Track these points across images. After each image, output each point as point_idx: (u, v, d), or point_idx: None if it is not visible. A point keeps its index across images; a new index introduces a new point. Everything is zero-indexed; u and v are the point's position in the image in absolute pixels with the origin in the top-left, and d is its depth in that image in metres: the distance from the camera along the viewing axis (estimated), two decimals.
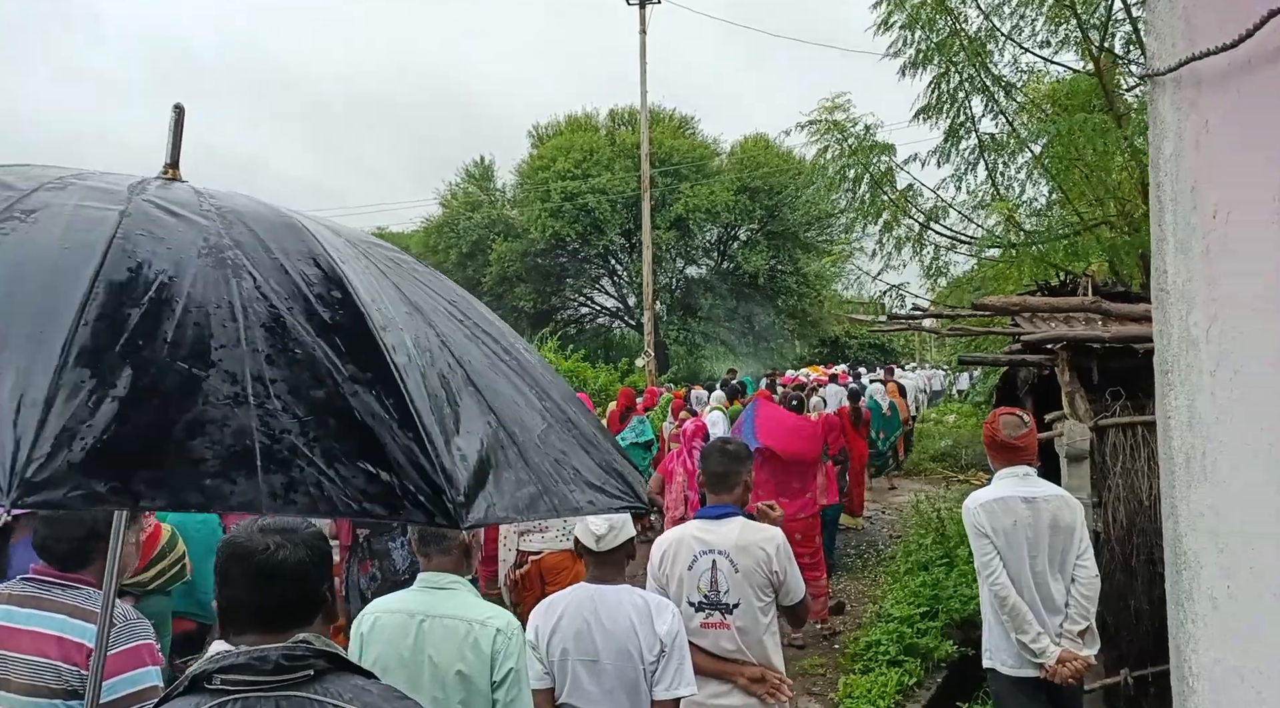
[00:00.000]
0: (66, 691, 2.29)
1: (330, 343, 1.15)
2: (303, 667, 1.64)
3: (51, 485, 0.93)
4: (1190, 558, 1.13)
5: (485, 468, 1.18)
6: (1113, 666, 4.75)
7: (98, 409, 0.99)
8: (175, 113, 1.40)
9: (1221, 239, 1.07)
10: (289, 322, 1.15)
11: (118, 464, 0.98)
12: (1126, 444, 4.97)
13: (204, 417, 1.03)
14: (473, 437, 1.21)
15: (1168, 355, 1.18)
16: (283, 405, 1.07)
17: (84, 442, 0.96)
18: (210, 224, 1.26)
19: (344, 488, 1.06)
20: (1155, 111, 1.19)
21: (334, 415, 1.10)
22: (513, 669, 2.50)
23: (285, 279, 1.21)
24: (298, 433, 1.06)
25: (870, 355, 37.03)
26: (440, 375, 1.26)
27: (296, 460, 1.05)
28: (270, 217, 1.36)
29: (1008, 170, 9.42)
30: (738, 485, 3.48)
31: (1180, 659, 1.17)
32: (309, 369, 1.12)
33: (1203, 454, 1.10)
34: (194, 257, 1.18)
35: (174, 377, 1.04)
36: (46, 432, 0.95)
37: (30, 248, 1.14)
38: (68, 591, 2.41)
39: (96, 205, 1.23)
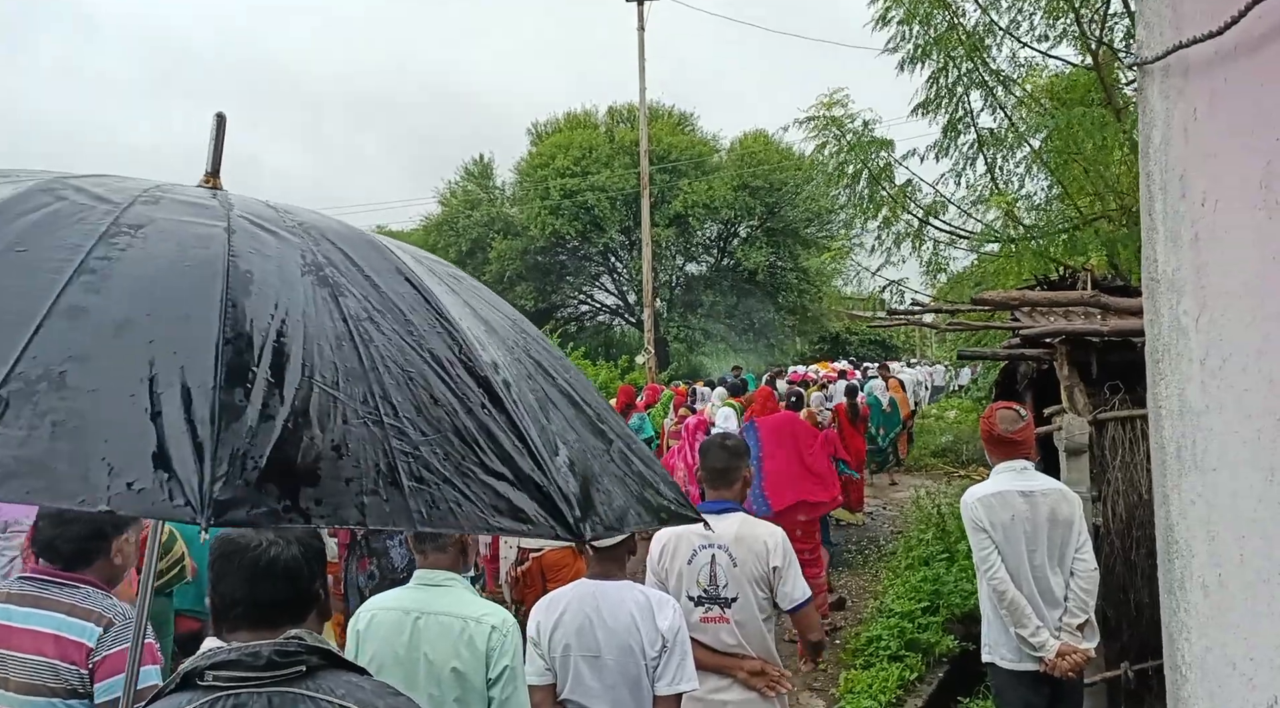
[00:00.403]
0: (66, 689, 2.28)
1: (439, 363, 1.19)
2: (295, 663, 1.64)
3: (236, 505, 0.95)
4: (1182, 547, 1.13)
5: (585, 482, 1.22)
6: (1114, 659, 4.75)
7: (259, 429, 1.00)
8: (216, 121, 1.41)
9: (1210, 227, 1.07)
10: (398, 341, 1.18)
11: (285, 483, 0.99)
12: (1125, 438, 4.96)
13: (347, 436, 1.05)
14: (566, 450, 1.24)
15: (1158, 345, 1.18)
16: (411, 424, 1.10)
17: (254, 461, 0.98)
18: (300, 241, 1.28)
19: (477, 504, 1.08)
20: (1144, 100, 1.18)
21: (457, 435, 1.13)
22: (508, 667, 2.50)
23: (383, 298, 1.24)
24: (430, 451, 1.09)
25: (870, 352, 37.02)
26: (530, 392, 1.30)
27: (434, 478, 1.07)
28: (347, 233, 1.39)
29: (1006, 165, 9.41)
30: (737, 481, 3.49)
31: (1173, 648, 1.17)
32: (425, 388, 1.15)
33: (1193, 443, 1.10)
34: (299, 274, 1.20)
35: (315, 397, 1.06)
36: (221, 452, 0.96)
37: (153, 266, 1.15)
38: (66, 589, 2.40)
39: (198, 221, 1.25)
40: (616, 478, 1.34)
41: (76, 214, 1.20)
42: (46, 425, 0.94)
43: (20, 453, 0.92)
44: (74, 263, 1.10)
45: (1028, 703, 3.98)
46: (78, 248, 1.13)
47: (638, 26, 21.57)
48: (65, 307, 1.05)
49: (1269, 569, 0.96)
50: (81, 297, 1.07)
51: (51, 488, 0.92)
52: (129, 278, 1.12)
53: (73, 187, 1.28)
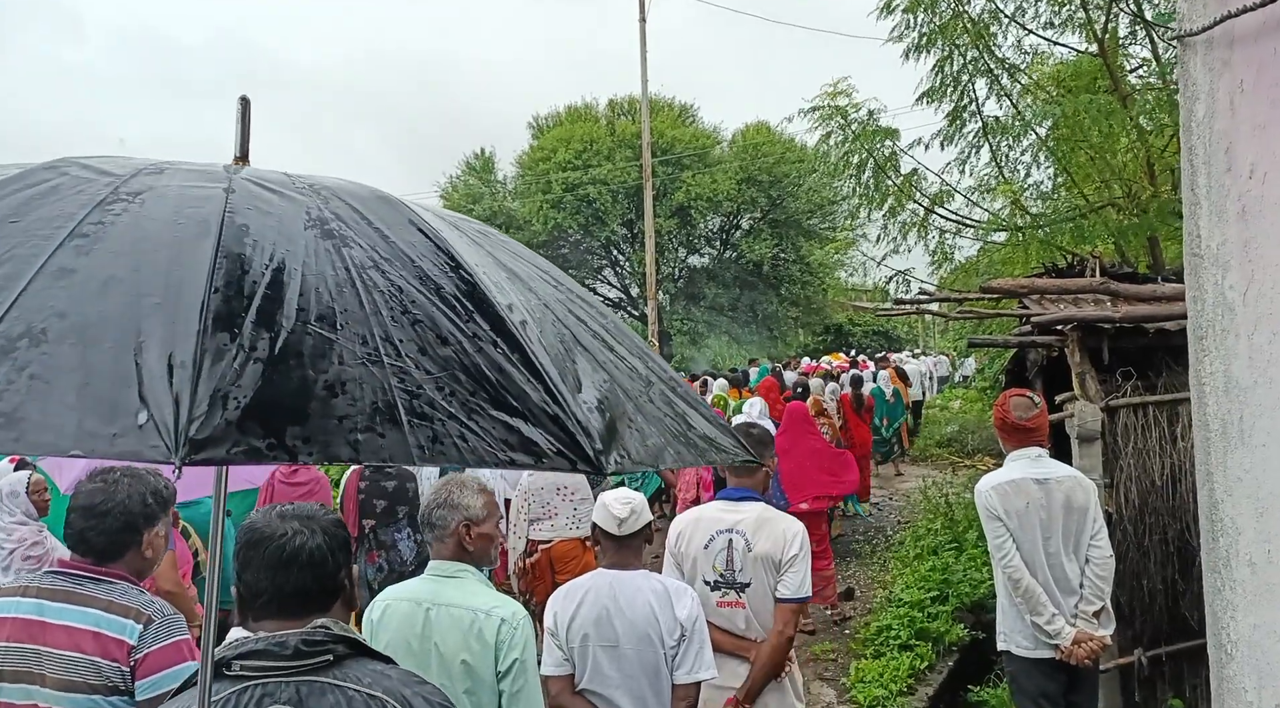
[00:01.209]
0: (107, 687, 2.24)
1: (447, 304, 1.18)
2: (322, 652, 1.64)
3: (214, 443, 0.94)
4: (1228, 524, 1.12)
5: (612, 419, 1.20)
6: (1127, 646, 4.75)
7: (243, 371, 1.00)
8: (241, 104, 1.40)
9: (1258, 200, 1.05)
10: (404, 285, 1.18)
11: (270, 421, 0.99)
12: (1138, 424, 4.95)
13: (342, 376, 1.05)
14: (593, 391, 1.23)
15: (1202, 321, 1.17)
16: (414, 364, 1.10)
17: (237, 401, 0.97)
18: (308, 199, 1.29)
19: (485, 439, 1.07)
20: (1186, 74, 1.17)
21: (464, 371, 1.12)
22: (518, 660, 2.46)
23: (391, 247, 1.24)
24: (434, 388, 1.09)
25: (874, 343, 37.01)
26: (554, 335, 1.29)
27: (437, 414, 1.07)
28: (361, 191, 1.39)
29: (1012, 153, 9.38)
30: (759, 470, 3.49)
31: (1218, 626, 1.16)
32: (432, 330, 1.14)
33: (1240, 419, 1.09)
34: (301, 228, 1.21)
35: (308, 339, 1.06)
36: (201, 392, 0.96)
37: (146, 226, 1.16)
38: (101, 585, 2.36)
39: (199, 184, 1.26)
40: (655, 418, 1.32)
41: (77, 187, 1.22)
42: (24, 379, 0.95)
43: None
44: (67, 229, 1.11)
45: (1043, 691, 3.98)
46: (72, 216, 1.14)
47: (639, 18, 21.51)
48: (53, 269, 1.06)
49: None
50: (71, 259, 1.08)
51: (20, 438, 0.92)
52: (120, 240, 1.13)
53: (78, 164, 1.30)
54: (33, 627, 2.28)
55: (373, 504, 5.80)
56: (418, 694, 1.66)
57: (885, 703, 5.66)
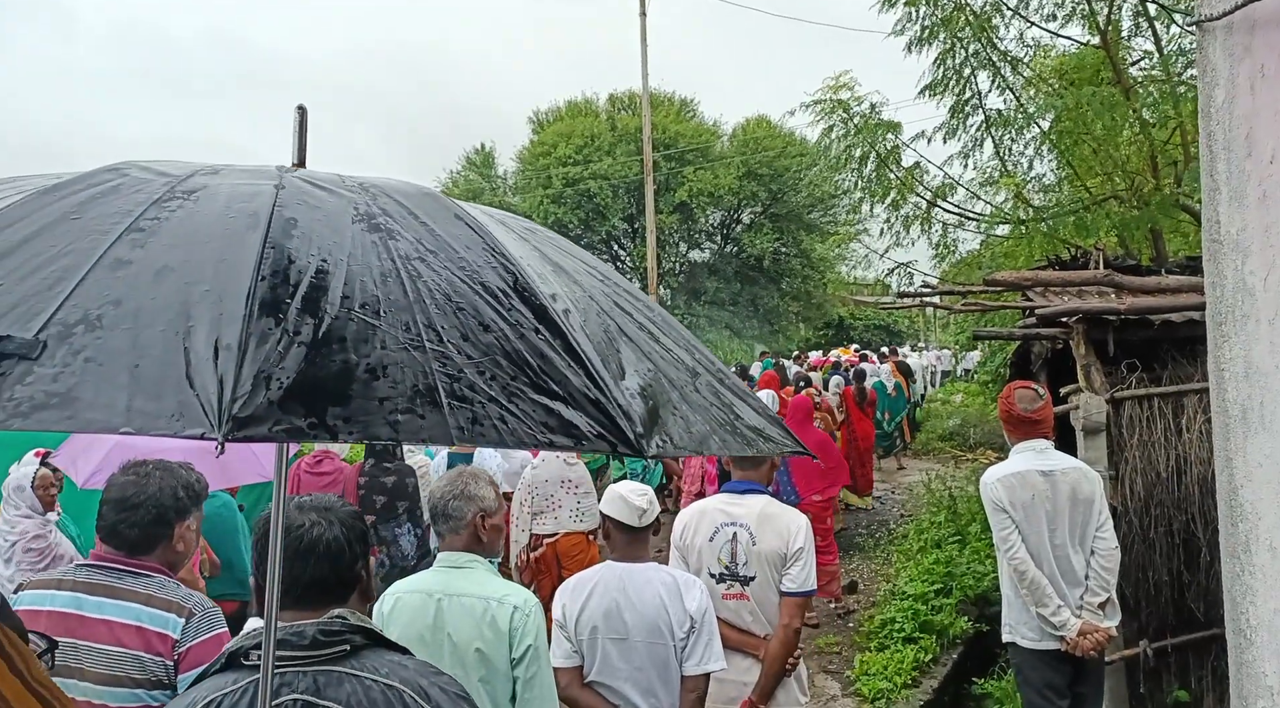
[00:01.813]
0: (151, 681, 2.24)
1: (490, 294, 1.21)
2: (339, 642, 1.64)
3: (256, 421, 0.97)
4: (1247, 509, 1.12)
5: (655, 405, 1.22)
6: (1132, 638, 4.75)
7: (287, 353, 1.04)
8: (299, 114, 1.45)
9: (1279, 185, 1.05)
10: (448, 276, 1.21)
11: (312, 402, 1.02)
12: (1143, 416, 4.95)
13: (384, 359, 1.08)
14: (637, 378, 1.25)
15: (1221, 307, 1.17)
16: (456, 349, 1.12)
17: (280, 381, 1.01)
18: (356, 196, 1.32)
19: (525, 422, 1.10)
20: (1205, 59, 1.16)
21: (505, 357, 1.15)
22: (531, 647, 2.49)
23: (437, 240, 1.27)
24: (475, 373, 1.11)
25: (875, 337, 37.00)
26: (597, 325, 1.31)
27: (477, 397, 1.09)
28: (408, 188, 1.43)
29: (1015, 146, 9.36)
30: (764, 463, 3.49)
31: (1236, 612, 1.16)
32: (475, 317, 1.17)
33: (1260, 404, 1.08)
34: (349, 222, 1.24)
35: (351, 325, 1.09)
36: (245, 373, 1.00)
37: (199, 219, 1.20)
38: (139, 579, 2.36)
39: (251, 181, 1.31)
40: (700, 407, 1.34)
41: (135, 186, 1.27)
42: (79, 362, 0.99)
43: (51, 388, 0.96)
44: (124, 225, 1.16)
45: (1049, 682, 3.98)
46: (129, 213, 1.19)
47: (640, 12, 21.47)
48: (110, 260, 1.11)
49: None
50: (127, 251, 1.12)
51: (74, 417, 0.96)
52: (174, 233, 1.17)
53: (138, 166, 1.34)
54: (70, 620, 2.27)
55: (373, 500, 5.83)
56: (434, 685, 1.67)
57: (890, 696, 5.67)
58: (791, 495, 7.05)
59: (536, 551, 5.98)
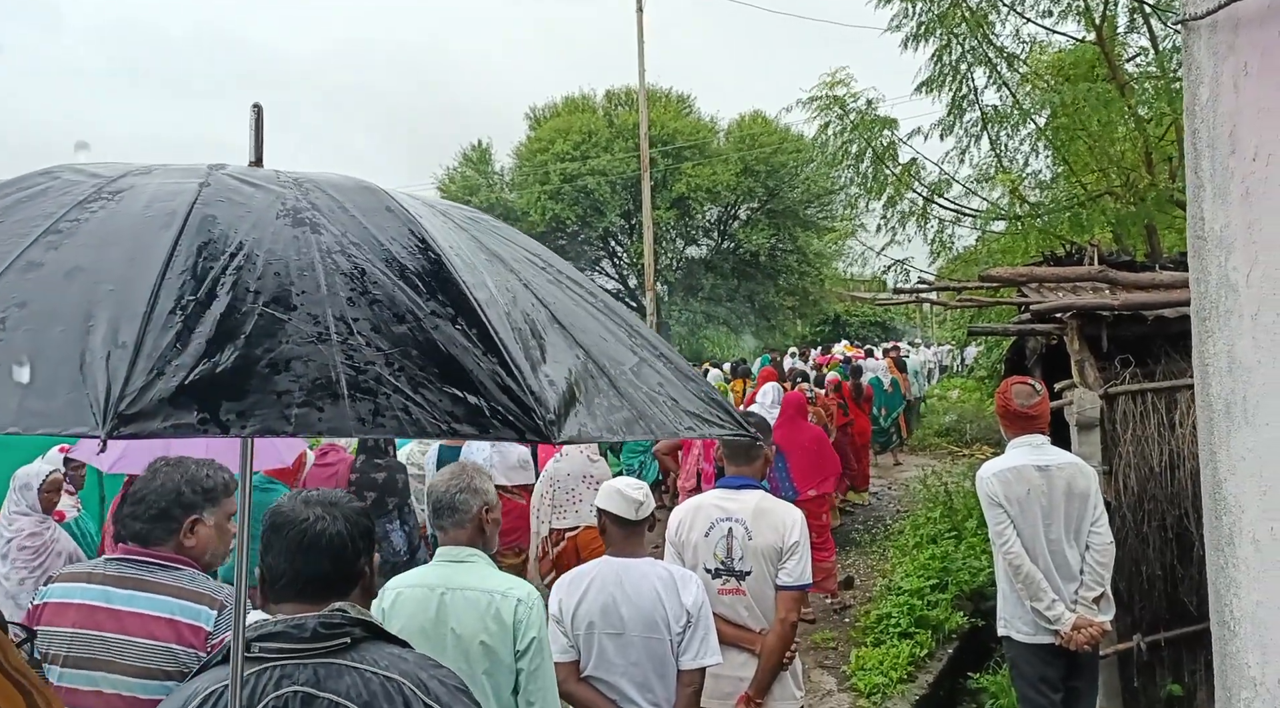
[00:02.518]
0: (183, 672, 2.23)
1: (410, 285, 1.21)
2: (339, 635, 1.66)
3: (143, 418, 0.98)
4: (1231, 503, 1.14)
5: (575, 392, 1.22)
6: (1126, 632, 4.77)
7: (185, 349, 1.04)
8: (254, 112, 1.44)
9: (1262, 182, 1.07)
10: (368, 268, 1.21)
11: (206, 397, 1.02)
12: (1136, 411, 4.96)
13: (288, 354, 1.08)
14: (561, 366, 1.25)
15: (1205, 303, 1.18)
16: (366, 341, 1.13)
17: (173, 378, 1.02)
18: (287, 191, 1.32)
19: (431, 411, 1.10)
20: (1190, 58, 1.18)
21: (416, 347, 1.15)
22: (535, 639, 2.51)
23: (363, 232, 1.27)
24: (382, 364, 1.11)
25: (872, 333, 37.03)
26: (524, 314, 1.31)
27: (382, 388, 1.10)
28: (346, 183, 1.42)
29: (1011, 142, 9.38)
30: (758, 458, 3.50)
31: (1221, 604, 1.17)
32: (390, 309, 1.17)
33: (1243, 398, 1.10)
34: (272, 217, 1.24)
35: (257, 320, 1.09)
36: (137, 370, 1.00)
37: (116, 220, 1.20)
38: (169, 571, 2.36)
39: (177, 181, 1.30)
40: (632, 392, 1.34)
41: (65, 189, 1.26)
42: None
43: None
44: (43, 227, 1.17)
45: (1043, 676, 4.00)
46: (51, 215, 1.19)
47: (636, 8, 21.45)
48: (22, 264, 1.12)
49: None
50: (40, 253, 1.14)
51: None
52: (91, 234, 1.18)
53: (72, 168, 1.34)
54: (99, 614, 2.28)
55: (364, 496, 5.85)
56: (434, 677, 1.68)
57: (885, 691, 5.69)
58: (789, 491, 7.06)
59: (559, 545, 6.05)
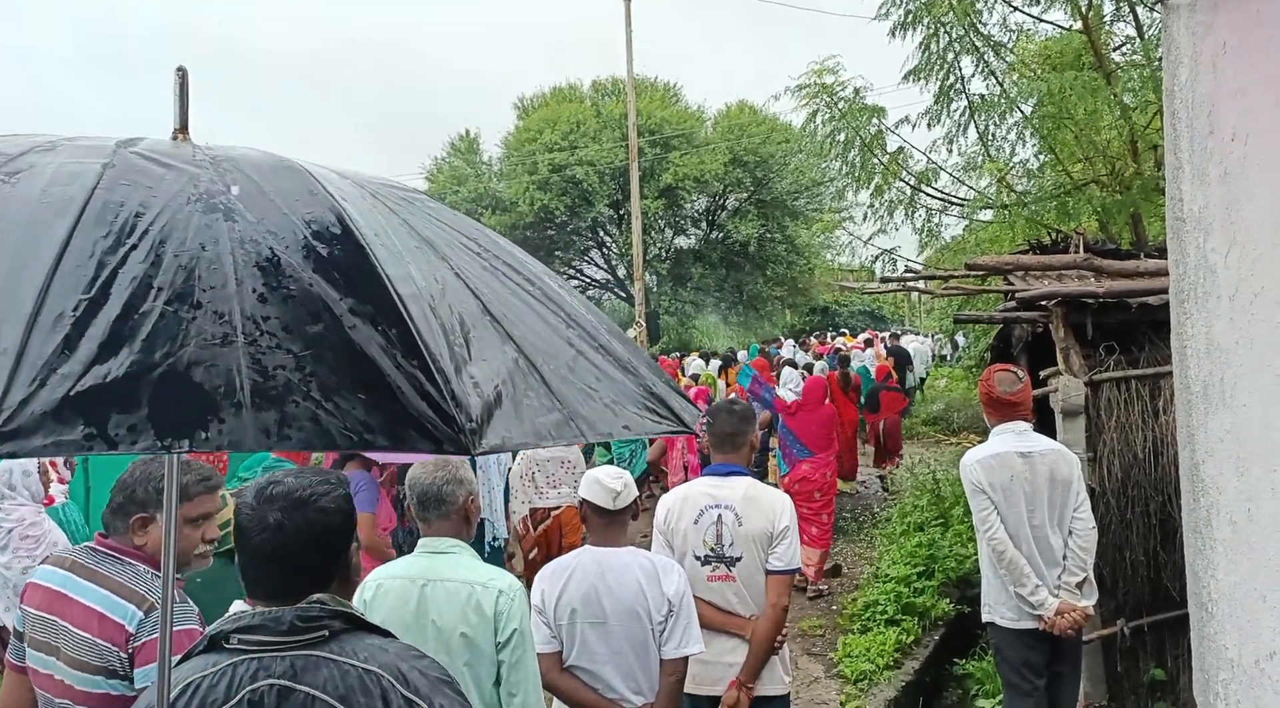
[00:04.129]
0: (107, 669, 2.21)
1: (329, 278, 1.13)
2: (317, 628, 1.64)
3: (22, 435, 0.91)
4: (1209, 484, 1.14)
5: (502, 395, 1.16)
6: (1109, 617, 4.81)
7: (72, 356, 0.97)
8: (179, 76, 1.37)
9: (1240, 162, 1.06)
10: (284, 260, 1.12)
11: (93, 410, 0.95)
12: (1121, 398, 4.99)
13: (188, 358, 1.00)
14: (488, 365, 1.18)
15: (1184, 285, 1.18)
16: (276, 342, 1.05)
17: (56, 390, 0.94)
18: (202, 172, 1.23)
19: (342, 420, 1.03)
20: (1169, 38, 1.17)
21: (331, 349, 1.07)
22: (516, 630, 2.49)
23: (281, 219, 1.18)
24: (292, 368, 1.04)
25: (860, 322, 37.13)
26: (451, 306, 1.23)
27: (290, 396, 1.02)
28: (268, 162, 1.33)
29: (998, 131, 9.36)
30: (744, 445, 3.51)
31: (1198, 585, 1.18)
32: (305, 306, 1.09)
33: (1221, 380, 1.10)
34: (183, 203, 1.15)
35: (156, 320, 1.02)
36: (18, 381, 0.93)
37: (9, 206, 1.11)
38: (120, 565, 2.33)
39: (78, 160, 1.21)
40: (563, 391, 1.28)
41: None
42: None
43: None
44: None
45: (1027, 661, 4.03)
46: None
47: None
48: None
49: None
50: None
51: None
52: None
53: None
54: (57, 600, 2.27)
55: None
56: (414, 668, 1.67)
57: (872, 677, 5.72)
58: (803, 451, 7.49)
59: (544, 521, 6.23)
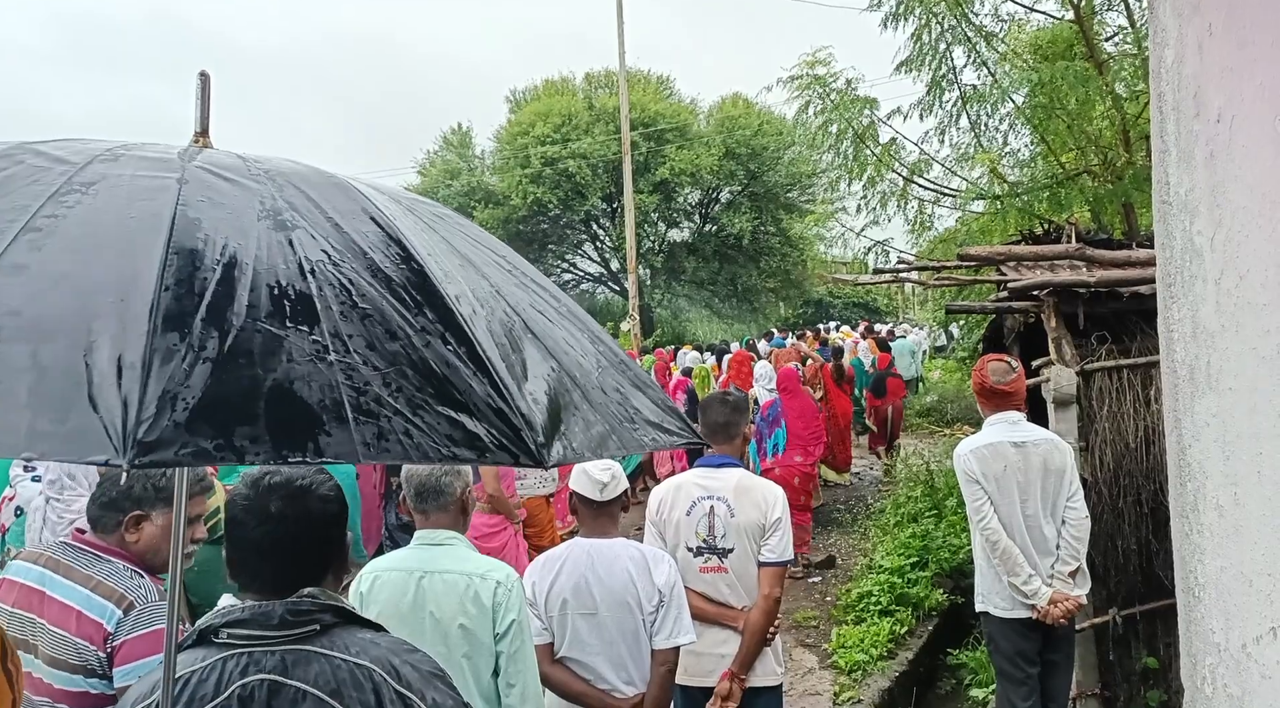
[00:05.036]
0: (85, 668, 2.20)
1: (397, 297, 1.19)
2: (308, 622, 1.63)
3: (163, 445, 0.95)
4: (1195, 469, 1.13)
5: (556, 410, 1.22)
6: (1102, 606, 4.82)
7: (192, 371, 1.01)
8: (201, 79, 1.41)
9: (1226, 143, 1.06)
10: (354, 279, 1.18)
11: (218, 422, 1.00)
12: (1112, 388, 4.99)
13: (290, 374, 1.06)
14: (540, 381, 1.25)
15: (1170, 269, 1.17)
16: (362, 359, 1.10)
17: (185, 402, 0.98)
18: (262, 187, 1.28)
19: (431, 435, 1.09)
20: (1155, 20, 1.16)
21: (411, 366, 1.13)
22: (514, 621, 2.51)
23: (344, 237, 1.24)
24: (380, 384, 1.09)
25: (854, 314, 37.14)
26: (500, 324, 1.30)
27: (384, 411, 1.08)
28: (316, 178, 1.39)
29: (990, 122, 9.36)
30: (737, 436, 3.51)
31: (1185, 571, 1.17)
32: (381, 324, 1.15)
33: (1207, 364, 1.10)
34: (254, 220, 1.20)
35: (257, 338, 1.07)
36: (150, 394, 0.97)
37: (100, 220, 1.15)
38: (100, 563, 2.32)
39: (152, 174, 1.25)
40: (601, 405, 1.35)
41: (31, 176, 1.20)
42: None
43: None
44: (20, 223, 1.11)
45: (1020, 650, 4.04)
46: (25, 208, 1.13)
47: None
48: (7, 265, 1.06)
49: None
50: (24, 254, 1.07)
51: None
52: (73, 234, 1.12)
53: (33, 151, 1.28)
54: (33, 596, 2.25)
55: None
56: (406, 662, 1.66)
57: (866, 667, 5.73)
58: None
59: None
